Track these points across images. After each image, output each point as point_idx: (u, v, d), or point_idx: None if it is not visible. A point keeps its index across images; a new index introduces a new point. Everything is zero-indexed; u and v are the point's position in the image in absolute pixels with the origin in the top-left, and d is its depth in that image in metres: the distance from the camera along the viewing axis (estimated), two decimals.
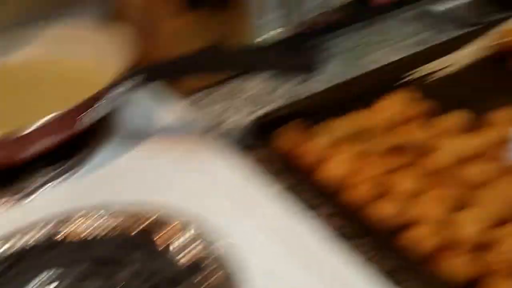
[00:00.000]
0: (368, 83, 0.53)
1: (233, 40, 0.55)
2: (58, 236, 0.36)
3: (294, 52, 0.39)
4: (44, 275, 0.34)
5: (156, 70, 0.45)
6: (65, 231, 0.37)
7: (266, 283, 0.33)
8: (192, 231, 0.36)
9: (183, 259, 0.34)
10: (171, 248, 0.35)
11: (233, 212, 0.39)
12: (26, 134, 0.39)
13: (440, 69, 0.55)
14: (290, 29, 0.63)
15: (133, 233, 0.36)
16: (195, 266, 0.33)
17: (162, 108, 0.53)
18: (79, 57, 0.52)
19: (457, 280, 0.31)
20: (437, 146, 0.40)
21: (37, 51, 0.55)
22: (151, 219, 0.37)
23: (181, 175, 0.44)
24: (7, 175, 0.44)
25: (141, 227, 0.36)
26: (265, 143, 0.44)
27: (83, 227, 0.37)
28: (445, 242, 0.33)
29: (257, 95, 0.56)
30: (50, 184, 0.44)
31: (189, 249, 0.35)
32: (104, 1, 0.58)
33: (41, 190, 0.43)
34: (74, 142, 0.45)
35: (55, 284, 0.33)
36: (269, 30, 0.62)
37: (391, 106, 0.45)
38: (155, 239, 0.36)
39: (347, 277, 0.33)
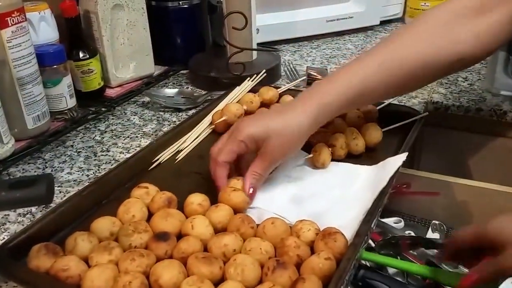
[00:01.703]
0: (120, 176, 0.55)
1: None
2: None
3: (26, 184, 0.37)
4: None
5: None
6: None
7: None
8: None
9: None
10: None
11: None
12: None
13: (181, 150, 0.62)
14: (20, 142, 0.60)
15: None
16: None
17: None
18: None
19: None
20: (187, 231, 0.45)
21: None
22: None
23: None
24: None
25: None
26: (19, 267, 0.42)
27: None
28: None
29: None
30: None
31: None
32: None
33: None
34: None
35: None
36: None
37: (136, 203, 0.48)
38: None
39: None
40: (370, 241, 0.58)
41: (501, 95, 0.72)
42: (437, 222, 0.64)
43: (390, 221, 0.65)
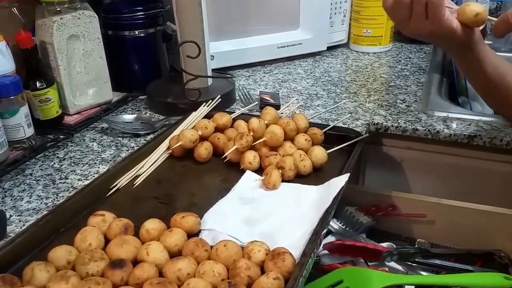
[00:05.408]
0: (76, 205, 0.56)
1: None
2: None
3: None
4: None
5: None
6: None
7: None
8: None
9: None
10: None
11: None
12: None
13: (139, 175, 0.64)
14: None
15: None
16: None
17: None
18: None
19: None
20: (142, 257, 0.47)
21: None
22: None
23: None
24: None
25: None
26: None
27: None
28: None
29: None
30: None
31: None
32: None
33: None
34: None
35: None
36: None
37: (92, 231, 0.50)
38: None
39: None
40: None
41: (435, 116, 0.79)
42: (422, 240, 0.68)
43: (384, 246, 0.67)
